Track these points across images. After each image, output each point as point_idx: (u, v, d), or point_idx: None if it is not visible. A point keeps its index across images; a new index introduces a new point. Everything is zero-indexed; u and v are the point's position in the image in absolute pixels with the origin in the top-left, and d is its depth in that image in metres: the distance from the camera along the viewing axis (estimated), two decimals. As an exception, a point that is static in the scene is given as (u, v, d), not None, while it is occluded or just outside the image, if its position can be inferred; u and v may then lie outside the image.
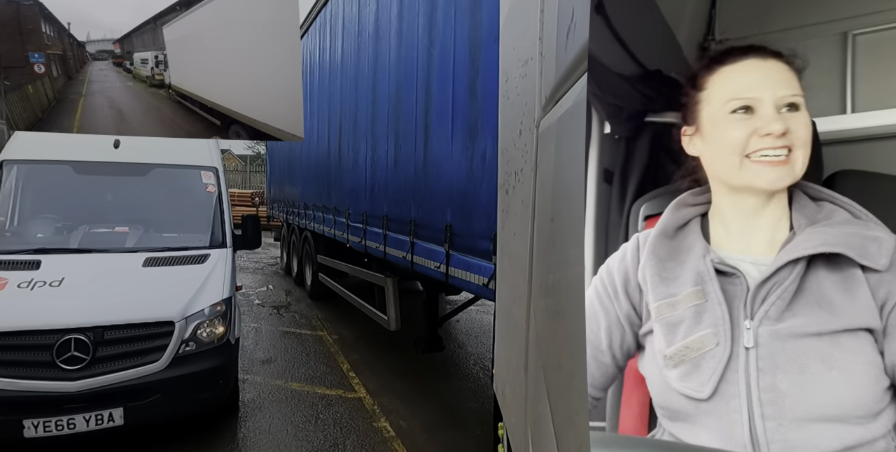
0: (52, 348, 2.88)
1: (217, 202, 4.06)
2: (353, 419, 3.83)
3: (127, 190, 4.02)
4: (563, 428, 0.73)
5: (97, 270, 3.37)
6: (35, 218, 3.79)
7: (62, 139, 3.84)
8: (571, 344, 0.68)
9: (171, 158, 4.08)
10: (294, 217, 9.00)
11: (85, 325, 2.96)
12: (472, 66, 3.27)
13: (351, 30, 5.80)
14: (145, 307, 3.17)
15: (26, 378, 2.86)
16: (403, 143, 4.32)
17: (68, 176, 3.86)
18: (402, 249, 4.27)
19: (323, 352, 5.34)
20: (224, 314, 3.39)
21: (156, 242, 3.75)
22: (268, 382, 4.46)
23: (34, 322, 2.94)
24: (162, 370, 3.10)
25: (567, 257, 0.74)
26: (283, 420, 3.76)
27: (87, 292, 3.17)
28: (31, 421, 2.83)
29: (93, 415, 2.93)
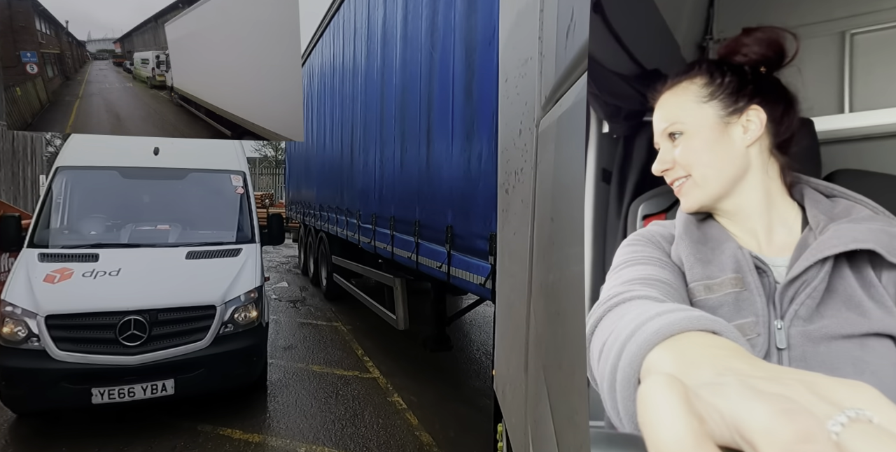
0: (115, 327, 3.38)
1: (245, 202, 4.57)
2: (369, 395, 4.36)
3: (167, 192, 4.49)
4: (563, 428, 0.72)
5: (147, 262, 3.84)
6: (88, 217, 4.23)
7: (109, 146, 4.27)
8: (571, 344, 0.68)
9: (205, 163, 4.57)
10: (310, 218, 9.13)
11: (142, 308, 3.46)
12: (469, 69, 3.30)
13: (361, 34, 5.89)
14: (191, 293, 3.67)
15: (94, 353, 3.35)
16: (409, 146, 4.38)
17: (115, 180, 4.34)
18: (408, 250, 4.34)
19: (338, 340, 5.86)
20: (257, 300, 3.92)
21: (194, 238, 4.24)
22: (290, 365, 4.97)
23: (99, 305, 3.42)
24: (206, 347, 3.62)
25: (567, 256, 0.74)
26: (307, 396, 4.31)
27: (142, 280, 3.65)
28: (98, 390, 3.32)
29: (149, 385, 3.43)
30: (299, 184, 10.77)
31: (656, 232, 1.02)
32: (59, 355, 3.30)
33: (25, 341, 3.30)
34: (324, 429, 3.72)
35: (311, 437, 3.60)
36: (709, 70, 0.98)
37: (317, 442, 3.54)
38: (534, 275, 1.06)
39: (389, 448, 3.50)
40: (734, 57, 0.98)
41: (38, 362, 3.28)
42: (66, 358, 3.31)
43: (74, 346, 3.33)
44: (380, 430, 3.73)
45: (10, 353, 3.30)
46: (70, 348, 3.32)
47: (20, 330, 3.30)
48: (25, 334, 3.30)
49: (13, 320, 3.32)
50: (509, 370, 1.41)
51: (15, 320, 3.31)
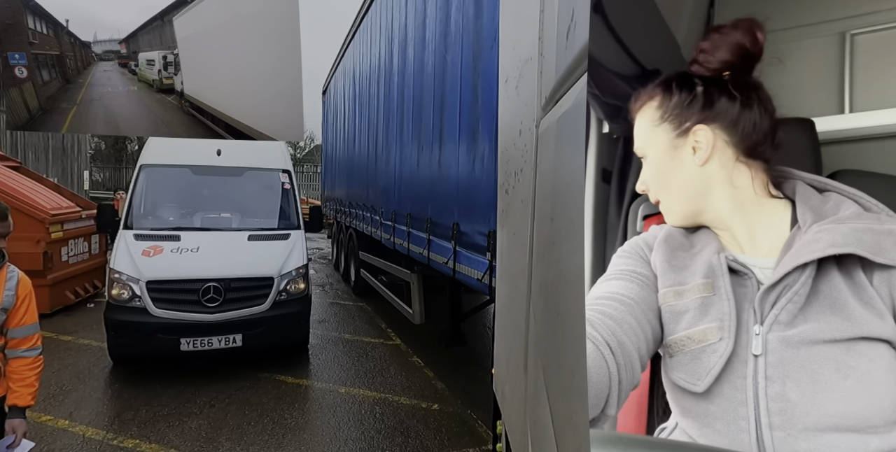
0: (199, 291, 4.26)
1: (291, 195, 5.40)
2: (393, 355, 5.28)
3: (228, 186, 5.31)
4: (562, 428, 0.72)
5: (219, 242, 4.71)
6: (167, 205, 5.10)
7: (181, 148, 5.03)
8: (571, 344, 0.68)
9: (258, 162, 5.37)
10: (342, 215, 9.36)
11: (218, 277, 4.32)
12: (475, 71, 3.36)
13: (386, 37, 6.07)
14: (255, 267, 4.54)
15: (182, 311, 4.24)
16: (424, 145, 4.54)
17: (187, 175, 5.18)
18: (421, 246, 4.49)
19: (364, 316, 6.83)
20: (304, 275, 4.81)
21: (251, 224, 5.10)
22: (326, 333, 5.95)
23: (186, 274, 4.30)
24: (266, 310, 4.48)
25: (566, 257, 0.73)
26: (342, 355, 5.27)
27: (216, 256, 4.51)
28: (185, 340, 4.20)
29: (223, 338, 4.30)
30: (333, 182, 11.06)
31: (647, 239, 1.02)
32: (156, 312, 4.19)
33: (130, 300, 4.19)
34: (358, 378, 4.66)
35: (349, 382, 4.54)
36: (662, 89, 0.96)
37: (353, 386, 4.47)
38: (533, 275, 1.05)
39: (411, 391, 4.39)
40: (692, 67, 0.94)
41: (140, 317, 4.16)
42: (161, 314, 4.19)
43: (168, 305, 4.22)
44: (403, 379, 4.64)
45: (118, 310, 4.20)
46: (164, 307, 4.21)
47: (125, 292, 4.20)
48: (130, 295, 4.19)
49: (120, 284, 4.21)
50: (508, 370, 1.41)
51: (121, 284, 4.21)
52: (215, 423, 3.67)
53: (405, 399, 4.21)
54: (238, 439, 3.46)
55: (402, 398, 4.23)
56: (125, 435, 3.45)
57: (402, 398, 4.23)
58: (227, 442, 3.41)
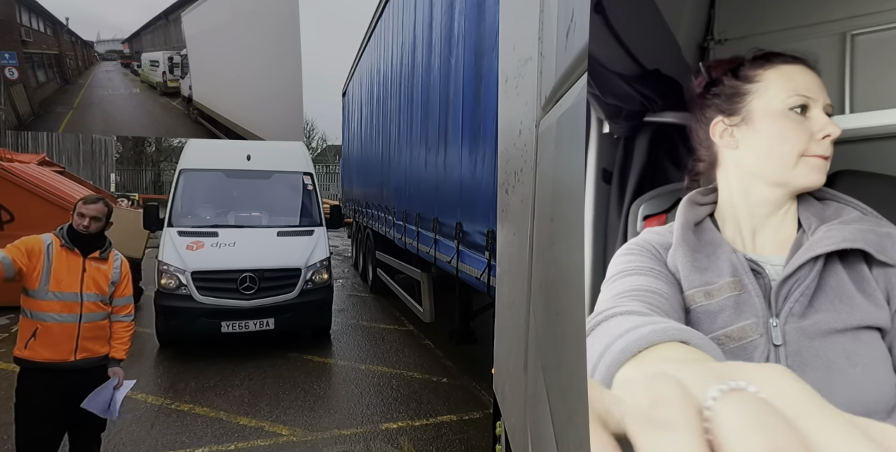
0: (236, 281, 4.75)
1: (314, 196, 5.77)
2: (407, 339, 5.74)
3: (258, 187, 5.68)
4: (562, 428, 0.72)
5: (252, 237, 5.13)
6: (203, 206, 5.46)
7: (215, 153, 5.50)
8: (571, 344, 0.67)
9: (284, 166, 5.77)
10: (360, 216, 9.47)
11: (254, 268, 4.79)
12: (477, 74, 3.30)
13: (397, 41, 6.10)
14: (285, 259, 4.99)
15: (222, 298, 4.70)
16: (431, 146, 4.57)
17: (221, 178, 5.61)
18: (429, 245, 4.56)
19: (379, 307, 7.28)
20: (327, 266, 5.25)
21: (280, 222, 5.48)
22: (345, 321, 6.39)
23: (226, 265, 4.77)
24: (294, 297, 4.96)
25: (566, 257, 0.72)
26: (361, 339, 5.70)
27: (251, 249, 4.94)
28: (225, 323, 4.69)
29: (257, 321, 4.80)
30: (351, 182, 11.17)
31: (651, 239, 0.98)
32: (200, 299, 4.65)
33: (177, 289, 4.65)
34: (376, 357, 5.09)
35: (368, 360, 4.99)
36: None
37: (373, 363, 4.89)
38: (533, 275, 1.03)
39: (423, 367, 4.83)
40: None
41: (186, 303, 4.61)
42: (204, 300, 4.65)
43: (210, 293, 4.68)
44: (416, 358, 5.07)
45: (166, 297, 4.65)
46: (207, 294, 4.67)
47: (173, 281, 4.66)
48: (177, 284, 4.66)
49: (168, 275, 4.67)
50: (509, 369, 1.39)
51: (169, 275, 4.67)
52: (255, 392, 4.10)
53: (418, 373, 4.64)
54: (275, 404, 3.90)
55: (416, 373, 4.65)
56: (180, 401, 3.92)
57: (415, 373, 4.65)
58: (266, 407, 3.83)
